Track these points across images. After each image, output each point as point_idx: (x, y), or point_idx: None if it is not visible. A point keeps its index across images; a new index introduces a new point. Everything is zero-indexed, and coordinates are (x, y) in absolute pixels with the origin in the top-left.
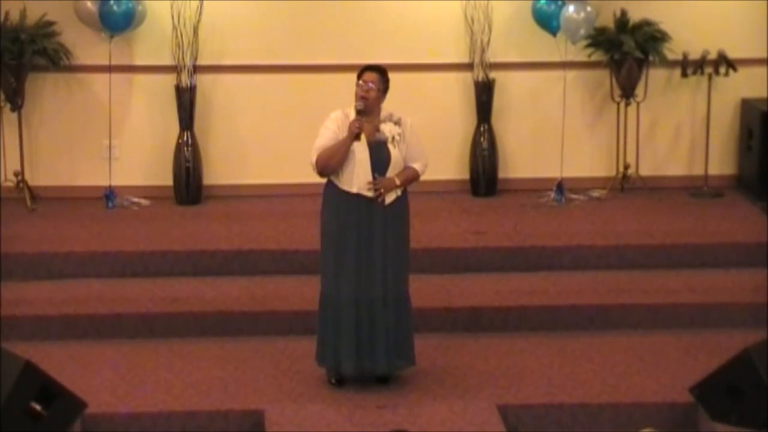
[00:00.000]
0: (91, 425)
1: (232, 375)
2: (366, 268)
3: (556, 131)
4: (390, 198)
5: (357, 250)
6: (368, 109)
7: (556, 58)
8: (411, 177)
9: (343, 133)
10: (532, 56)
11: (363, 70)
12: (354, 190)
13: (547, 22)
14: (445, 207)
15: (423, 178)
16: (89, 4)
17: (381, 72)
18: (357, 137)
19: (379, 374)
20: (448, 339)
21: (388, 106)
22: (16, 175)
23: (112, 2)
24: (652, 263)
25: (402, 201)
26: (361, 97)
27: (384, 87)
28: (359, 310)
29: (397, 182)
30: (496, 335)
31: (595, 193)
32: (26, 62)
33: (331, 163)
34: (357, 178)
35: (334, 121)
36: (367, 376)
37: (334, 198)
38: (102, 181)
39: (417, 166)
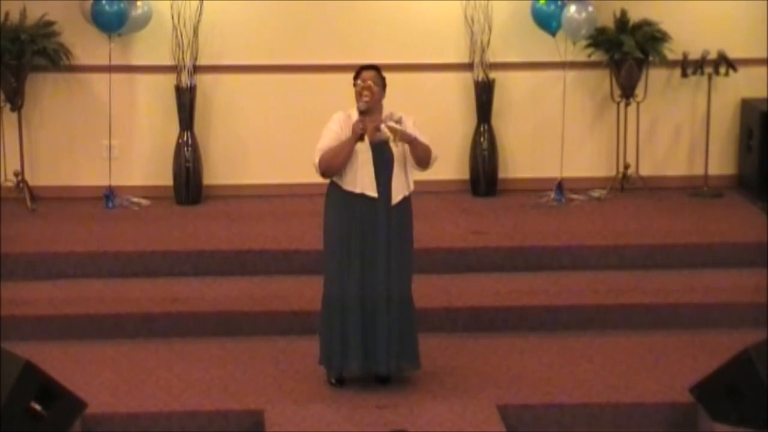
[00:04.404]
0: (91, 425)
1: (232, 375)
2: (370, 268)
3: (556, 131)
4: (396, 198)
5: (361, 251)
6: (371, 108)
7: (556, 58)
8: (423, 144)
9: (346, 134)
10: (532, 56)
11: (359, 70)
12: (358, 190)
13: (547, 22)
14: (445, 207)
15: (423, 177)
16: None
17: (377, 70)
18: (361, 138)
19: (382, 375)
20: (448, 339)
21: (388, 105)
22: (16, 175)
23: (104, 2)
24: (652, 263)
25: (406, 201)
26: (364, 94)
27: (382, 84)
28: (363, 311)
29: (412, 136)
30: (496, 335)
31: (595, 193)
32: (26, 62)
33: (334, 164)
34: (360, 178)
35: (337, 122)
36: (369, 375)
37: (337, 199)
38: (102, 181)
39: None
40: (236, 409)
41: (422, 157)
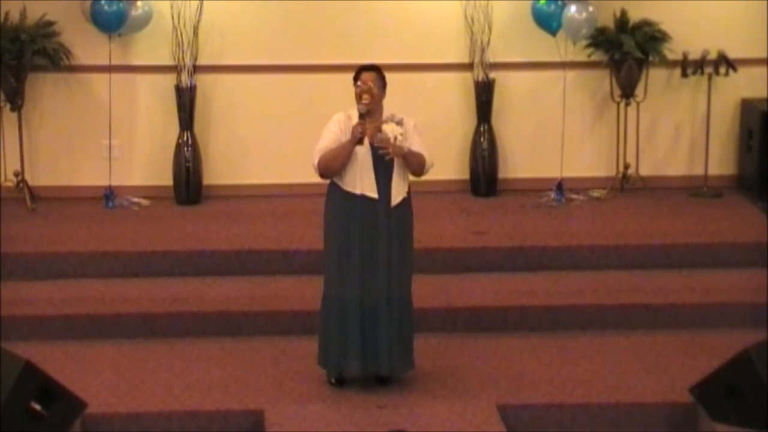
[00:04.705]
0: (91, 425)
1: (232, 375)
2: (370, 269)
3: (556, 131)
4: (396, 200)
5: (361, 252)
6: (371, 110)
7: (556, 58)
8: (418, 156)
9: (346, 136)
10: (532, 56)
11: (359, 71)
12: (358, 191)
13: (547, 22)
14: (445, 207)
15: (423, 178)
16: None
17: (377, 70)
18: (360, 141)
19: (381, 375)
20: (448, 339)
21: (387, 105)
22: (16, 175)
23: (103, 2)
24: (652, 263)
25: (407, 203)
26: (364, 97)
27: (383, 84)
28: (363, 311)
29: (406, 150)
30: (496, 335)
31: (595, 193)
32: (26, 62)
33: (333, 166)
34: (360, 179)
35: (337, 123)
36: (369, 376)
37: (337, 200)
38: (102, 181)
39: (424, 154)
40: (236, 409)
41: (415, 168)
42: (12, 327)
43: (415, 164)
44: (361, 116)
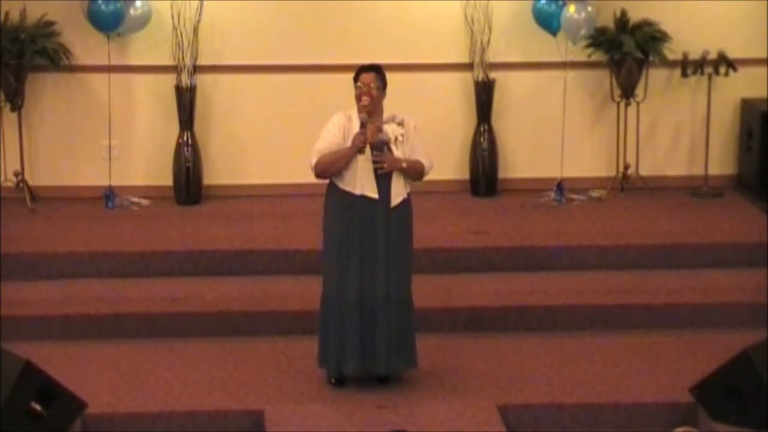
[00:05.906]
0: (91, 425)
1: (232, 375)
2: (369, 269)
3: (556, 131)
4: (396, 200)
5: (360, 252)
6: (371, 111)
7: (556, 58)
8: (416, 165)
9: (345, 136)
10: (532, 56)
11: (358, 72)
12: (358, 191)
13: (548, 22)
14: (445, 207)
15: (424, 178)
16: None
17: (377, 70)
18: (361, 150)
19: (380, 374)
20: (448, 339)
21: (388, 106)
22: (16, 175)
23: (100, 2)
24: (652, 263)
25: (406, 203)
26: (363, 98)
27: (383, 84)
28: (362, 311)
29: (404, 165)
30: (496, 335)
31: (595, 193)
32: (26, 62)
33: (330, 170)
34: (360, 179)
35: (336, 124)
36: (368, 375)
37: (337, 199)
38: (102, 181)
39: (424, 161)
40: (236, 409)
41: (414, 177)
42: (12, 327)
43: (414, 173)
44: (362, 125)
